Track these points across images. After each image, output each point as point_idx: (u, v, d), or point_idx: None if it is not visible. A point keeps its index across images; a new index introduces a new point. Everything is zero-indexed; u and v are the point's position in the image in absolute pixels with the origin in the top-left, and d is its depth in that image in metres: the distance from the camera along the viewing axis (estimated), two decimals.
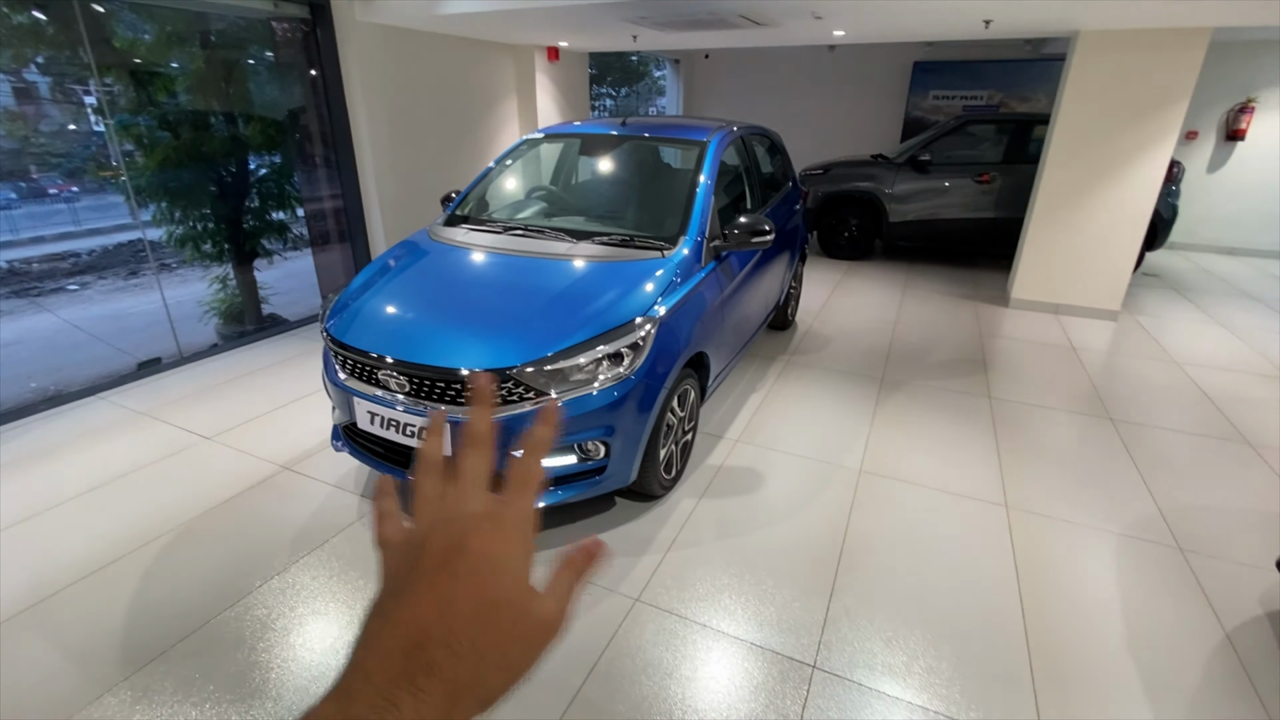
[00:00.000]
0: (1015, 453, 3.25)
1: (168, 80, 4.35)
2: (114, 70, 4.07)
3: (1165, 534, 2.65)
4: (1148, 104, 4.71)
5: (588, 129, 3.60)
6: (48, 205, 6.56)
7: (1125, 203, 4.98)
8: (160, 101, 4.32)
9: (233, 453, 3.17)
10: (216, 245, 4.86)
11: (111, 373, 3.98)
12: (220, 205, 4.79)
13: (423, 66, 5.43)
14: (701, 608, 2.22)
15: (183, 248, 4.73)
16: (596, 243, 2.79)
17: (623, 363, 2.31)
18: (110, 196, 4.28)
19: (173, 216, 4.60)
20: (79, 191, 6.53)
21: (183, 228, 4.66)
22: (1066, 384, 4.09)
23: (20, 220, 6.31)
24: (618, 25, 4.84)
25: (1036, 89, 8.18)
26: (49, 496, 2.80)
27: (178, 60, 4.42)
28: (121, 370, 4.04)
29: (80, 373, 3.97)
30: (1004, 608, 2.24)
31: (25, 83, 4.42)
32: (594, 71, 16.72)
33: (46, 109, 4.64)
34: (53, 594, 2.25)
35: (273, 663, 1.98)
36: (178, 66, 4.42)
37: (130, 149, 4.23)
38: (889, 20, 4.57)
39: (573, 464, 2.34)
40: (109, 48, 4.02)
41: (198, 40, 4.48)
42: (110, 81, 4.08)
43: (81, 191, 6.51)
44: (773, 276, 3.93)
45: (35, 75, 4.39)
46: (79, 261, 6.72)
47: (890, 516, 2.74)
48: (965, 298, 5.91)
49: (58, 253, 6.63)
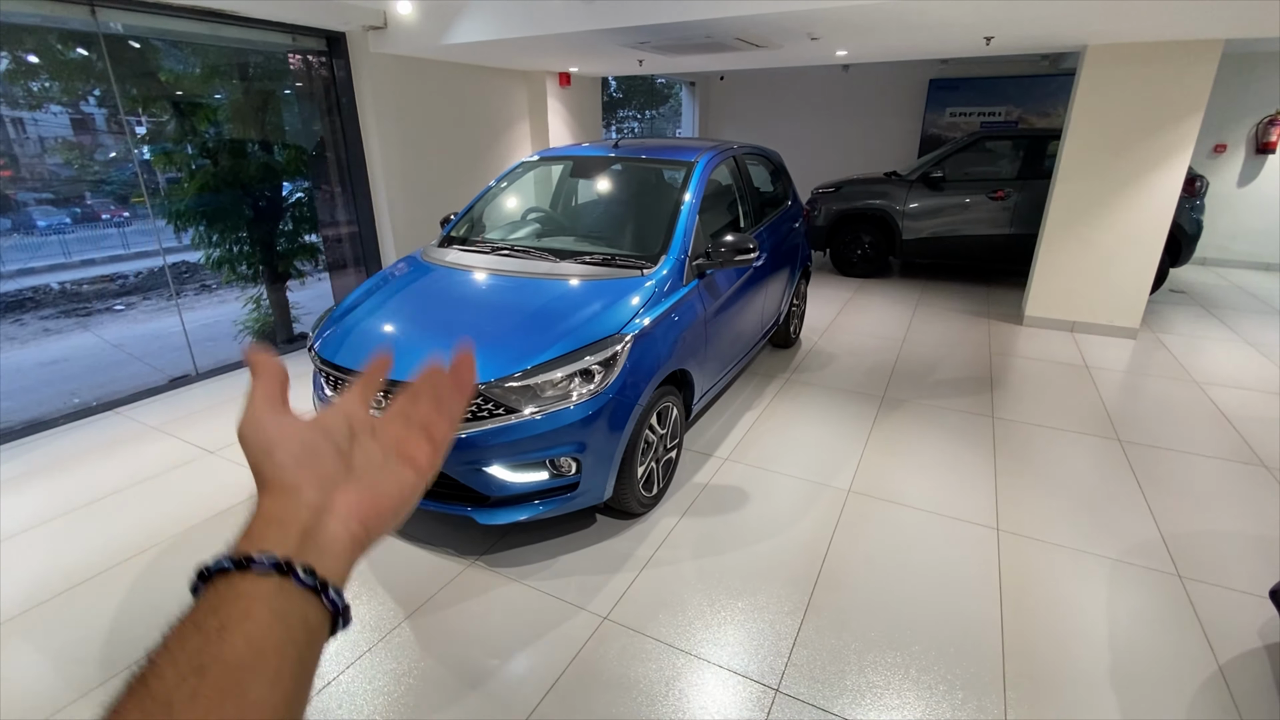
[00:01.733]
0: (1013, 474, 3.16)
1: (191, 110, 4.60)
2: (145, 102, 4.33)
3: (1165, 560, 2.53)
4: (1160, 118, 4.60)
5: (580, 151, 3.67)
6: (99, 230, 6.92)
7: (1140, 218, 4.85)
8: (189, 131, 4.57)
9: (232, 466, 3.27)
10: (251, 266, 5.10)
11: (142, 387, 4.16)
12: (254, 229, 5.03)
13: (436, 94, 5.62)
14: (669, 628, 2.20)
15: (219, 269, 5.00)
16: (579, 262, 2.84)
17: (594, 379, 2.34)
18: (158, 222, 4.59)
19: (210, 240, 4.87)
20: (129, 216, 6.89)
21: (220, 250, 4.93)
22: (1076, 404, 3.97)
23: (73, 244, 6.69)
24: (620, 50, 4.95)
25: (1056, 104, 8.05)
26: (57, 505, 2.92)
27: (201, 91, 4.67)
28: (155, 385, 4.23)
29: (119, 388, 4.15)
30: (984, 635, 2.17)
31: (51, 113, 4.71)
32: (620, 95, 17.09)
33: (79, 139, 4.92)
34: (46, 600, 2.35)
35: None
36: (198, 98, 4.66)
37: (156, 177, 4.47)
38: (888, 40, 4.58)
39: (544, 480, 2.36)
40: (136, 80, 4.26)
41: (226, 73, 4.74)
42: (141, 112, 4.34)
43: (132, 216, 6.87)
44: (768, 294, 3.93)
45: (56, 108, 4.67)
46: (126, 283, 7.06)
47: (874, 538, 2.68)
48: (978, 315, 5.79)
49: (107, 274, 6.98)
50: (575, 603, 2.31)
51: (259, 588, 0.34)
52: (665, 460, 2.88)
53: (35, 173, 4.83)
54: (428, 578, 2.44)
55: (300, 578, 0.35)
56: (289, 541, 0.36)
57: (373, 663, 2.05)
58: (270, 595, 0.34)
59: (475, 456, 2.24)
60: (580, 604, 2.30)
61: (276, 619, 0.34)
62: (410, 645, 2.12)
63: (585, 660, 2.07)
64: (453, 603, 2.32)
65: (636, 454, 2.55)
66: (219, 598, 0.34)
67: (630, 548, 2.61)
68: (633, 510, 2.71)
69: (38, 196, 5.30)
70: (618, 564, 2.51)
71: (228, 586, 0.34)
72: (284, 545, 0.36)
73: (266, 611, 0.33)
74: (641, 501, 2.71)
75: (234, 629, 0.32)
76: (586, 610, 2.27)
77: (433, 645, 2.13)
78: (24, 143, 4.77)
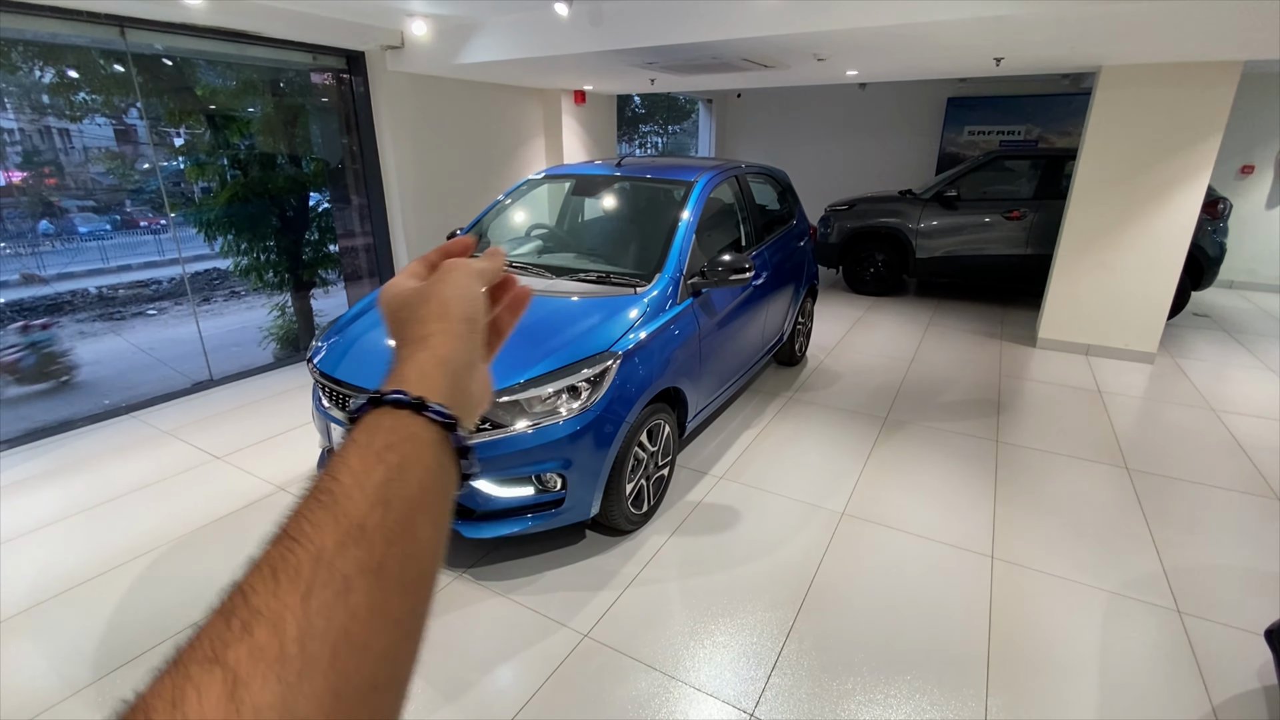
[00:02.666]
0: (1013, 501, 3.10)
1: (220, 123, 4.78)
2: (175, 116, 4.52)
3: (1165, 594, 2.46)
4: (1178, 140, 4.52)
5: (584, 169, 3.73)
6: (137, 236, 7.15)
7: (1157, 240, 4.76)
8: (221, 144, 4.76)
9: (238, 472, 3.35)
10: (278, 275, 5.27)
11: (163, 391, 4.30)
12: (281, 238, 5.20)
13: (452, 110, 5.75)
14: (649, 647, 2.19)
15: (247, 277, 5.17)
16: (573, 279, 2.87)
17: (581, 396, 2.36)
18: (181, 231, 4.82)
19: (238, 248, 5.06)
20: (165, 224, 7.15)
21: (248, 258, 5.11)
22: (1085, 430, 3.88)
23: (111, 250, 6.93)
24: (630, 70, 5.02)
25: (1076, 123, 7.94)
26: (61, 508, 3.02)
27: (229, 107, 4.84)
28: (179, 388, 4.38)
29: (144, 391, 4.29)
30: (969, 665, 2.13)
31: (85, 126, 4.91)
32: (643, 110, 17.26)
33: (105, 149, 5.13)
34: (43, 601, 2.42)
35: None
36: (229, 112, 4.83)
37: (182, 187, 4.65)
38: (897, 60, 4.58)
39: (530, 495, 2.38)
40: (166, 95, 4.44)
41: (252, 90, 4.92)
42: (169, 125, 4.53)
43: (169, 225, 7.15)
44: (771, 312, 3.92)
45: (88, 121, 4.87)
46: (159, 289, 7.30)
47: (864, 562, 2.65)
48: (990, 336, 5.71)
49: (142, 280, 7.22)
50: (558, 619, 2.32)
51: (430, 434, 0.36)
52: (656, 478, 2.89)
53: (79, 181, 5.05)
54: None
55: (458, 435, 0.38)
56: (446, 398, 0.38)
57: None
58: (437, 443, 0.36)
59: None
60: (563, 620, 2.31)
61: (439, 466, 0.36)
62: None
63: (563, 677, 2.07)
64: (437, 614, 2.33)
65: (624, 471, 2.56)
66: (394, 433, 0.35)
67: (617, 565, 2.61)
68: (621, 528, 2.72)
69: (80, 204, 5.53)
70: (603, 581, 2.52)
71: (402, 424, 0.36)
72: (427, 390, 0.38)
73: (432, 457, 0.36)
74: (630, 519, 2.71)
75: (411, 469, 0.34)
76: (568, 627, 2.28)
77: None
78: (69, 152, 4.98)
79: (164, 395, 4.27)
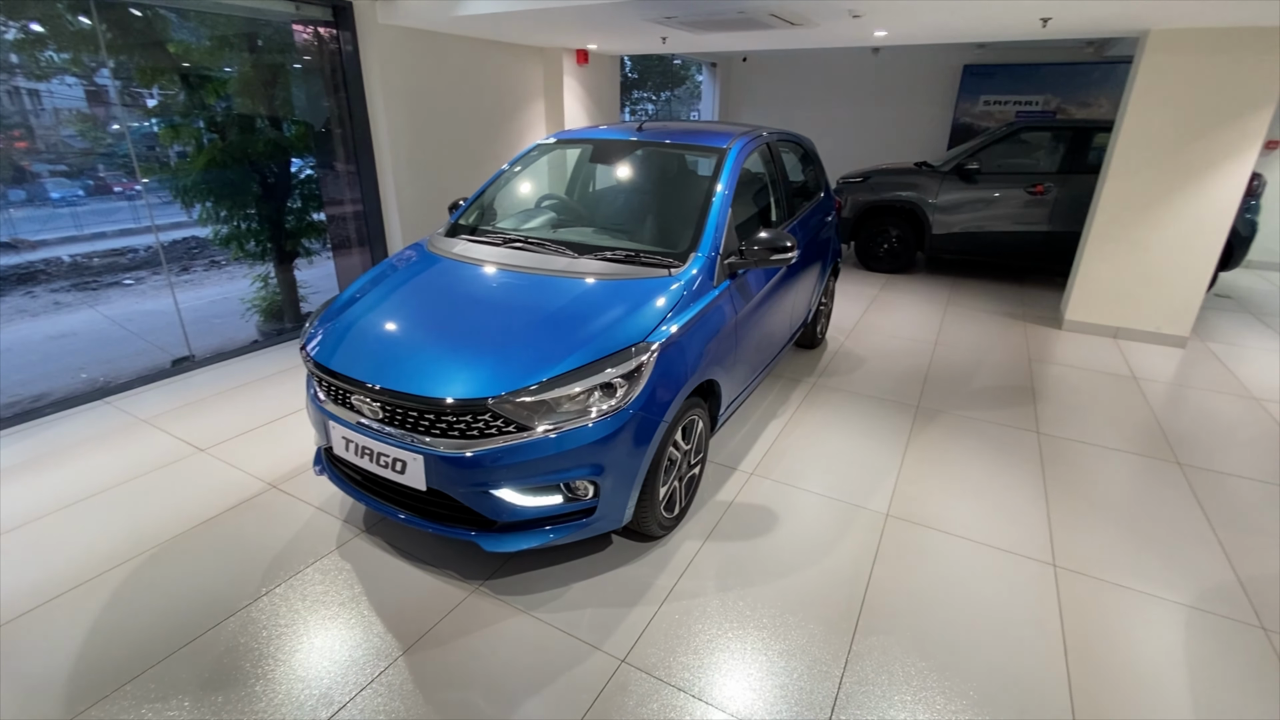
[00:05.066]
0: (1066, 500, 2.89)
1: (196, 83, 4.34)
2: (148, 75, 4.09)
3: (1245, 609, 2.28)
4: (1226, 111, 4.25)
5: (601, 134, 3.39)
6: (111, 202, 6.67)
7: (1198, 218, 4.52)
8: (197, 105, 4.33)
9: (224, 467, 3.05)
10: (259, 244, 4.88)
11: (144, 370, 3.99)
12: (262, 206, 4.81)
13: (447, 69, 5.32)
14: (695, 673, 1.96)
15: (227, 246, 4.79)
16: (599, 258, 2.57)
17: (616, 394, 2.08)
18: (167, 195, 4.45)
19: (218, 216, 4.67)
20: (141, 190, 6.74)
21: (227, 227, 4.72)
22: (1126, 419, 3.69)
23: (85, 217, 6.46)
24: (643, 26, 4.63)
25: (1098, 94, 7.65)
26: (26, 509, 2.72)
27: (206, 64, 4.39)
28: (158, 366, 4.07)
29: (127, 365, 3.95)
30: (1049, 689, 1.92)
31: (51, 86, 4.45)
32: (635, 75, 16.65)
33: (70, 110, 4.67)
34: (4, 622, 2.14)
35: (231, 712, 1.81)
36: (205, 70, 4.39)
37: (155, 151, 4.24)
38: (936, 20, 4.24)
39: (558, 504, 2.12)
40: (135, 50, 4.00)
41: (233, 45, 4.47)
42: (141, 84, 4.10)
43: (145, 190, 6.73)
44: (799, 293, 3.65)
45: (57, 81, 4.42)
46: (135, 257, 6.86)
47: (919, 571, 2.43)
48: (1013, 317, 5.49)
49: (116, 248, 6.77)
50: (590, 641, 2.08)
51: None
52: (689, 478, 2.64)
53: (49, 144, 4.61)
54: (428, 604, 2.22)
55: None
56: None
57: (362, 709, 1.83)
58: None
59: (482, 478, 2.01)
60: (595, 643, 2.07)
61: None
62: (405, 687, 1.90)
63: (601, 713, 1.84)
64: (454, 636, 2.10)
65: (659, 474, 2.31)
66: None
67: (650, 576, 2.37)
68: (653, 534, 2.48)
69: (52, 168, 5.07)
70: (636, 595, 2.28)
71: None
72: None
73: None
74: (663, 524, 2.47)
75: None
76: (602, 650, 2.04)
77: (430, 687, 1.90)
78: (39, 114, 4.53)
79: (141, 379, 3.93)
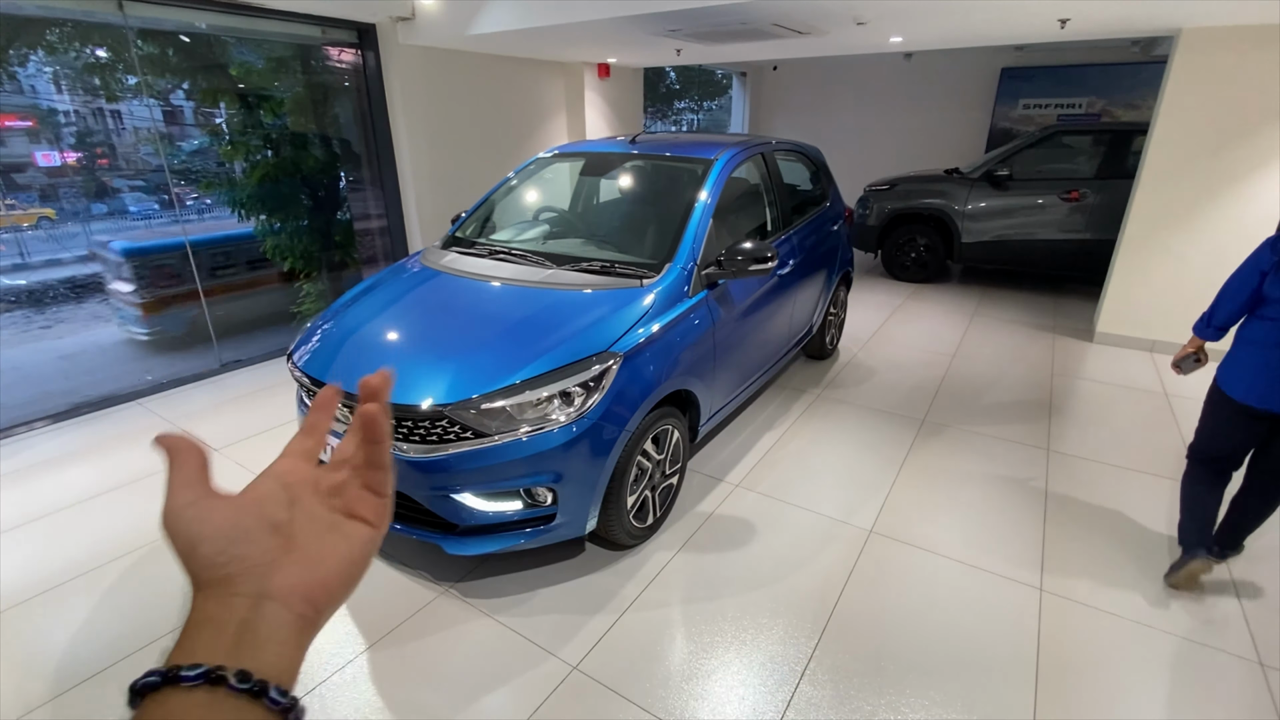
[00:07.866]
0: (1066, 523, 2.76)
1: (240, 102, 4.63)
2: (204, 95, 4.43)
3: (1244, 643, 2.13)
4: (1266, 113, 4.00)
5: (594, 147, 3.44)
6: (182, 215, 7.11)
7: (1237, 226, 4.25)
8: (240, 127, 4.62)
9: (234, 466, 3.22)
10: (308, 256, 5.19)
11: (200, 371, 4.32)
12: (313, 218, 5.12)
13: (468, 85, 5.50)
14: (644, 684, 1.97)
15: (279, 258, 5.10)
16: (575, 269, 2.62)
17: (574, 402, 2.12)
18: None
19: (273, 228, 5.00)
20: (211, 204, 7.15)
21: (278, 239, 5.04)
22: (1149, 439, 3.49)
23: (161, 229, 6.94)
24: (653, 40, 4.68)
25: (1146, 95, 7.28)
26: (50, 502, 2.93)
27: (231, 86, 4.69)
28: (210, 368, 4.39)
29: (185, 369, 4.32)
30: (1011, 716, 1.85)
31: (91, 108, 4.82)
32: (678, 86, 16.76)
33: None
34: (14, 605, 2.32)
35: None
36: (241, 90, 4.68)
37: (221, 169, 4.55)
38: (947, 24, 4.14)
39: (518, 509, 2.17)
40: (164, 72, 4.31)
41: (267, 70, 4.76)
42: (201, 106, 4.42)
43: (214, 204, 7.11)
44: (799, 303, 3.61)
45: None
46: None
47: (894, 589, 2.37)
48: (1042, 329, 5.26)
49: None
50: (546, 646, 2.11)
51: (190, 703, 0.32)
52: (664, 487, 2.64)
53: (130, 161, 4.98)
54: (396, 603, 2.29)
55: (233, 685, 0.32)
56: (222, 643, 0.34)
57: (322, 701, 1.91)
58: (203, 709, 0.31)
59: (442, 482, 2.07)
60: (551, 649, 2.10)
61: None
62: (363, 683, 1.97)
63: (546, 716, 1.87)
64: (417, 635, 2.16)
65: (625, 483, 2.33)
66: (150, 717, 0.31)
67: (616, 585, 2.39)
68: (622, 543, 2.49)
69: (131, 184, 5.44)
70: (600, 603, 2.30)
71: (158, 705, 0.31)
72: (217, 648, 0.34)
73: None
74: (632, 533, 2.48)
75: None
76: (557, 656, 2.07)
77: (387, 685, 1.97)
78: (120, 133, 4.89)
79: (177, 380, 4.19)
